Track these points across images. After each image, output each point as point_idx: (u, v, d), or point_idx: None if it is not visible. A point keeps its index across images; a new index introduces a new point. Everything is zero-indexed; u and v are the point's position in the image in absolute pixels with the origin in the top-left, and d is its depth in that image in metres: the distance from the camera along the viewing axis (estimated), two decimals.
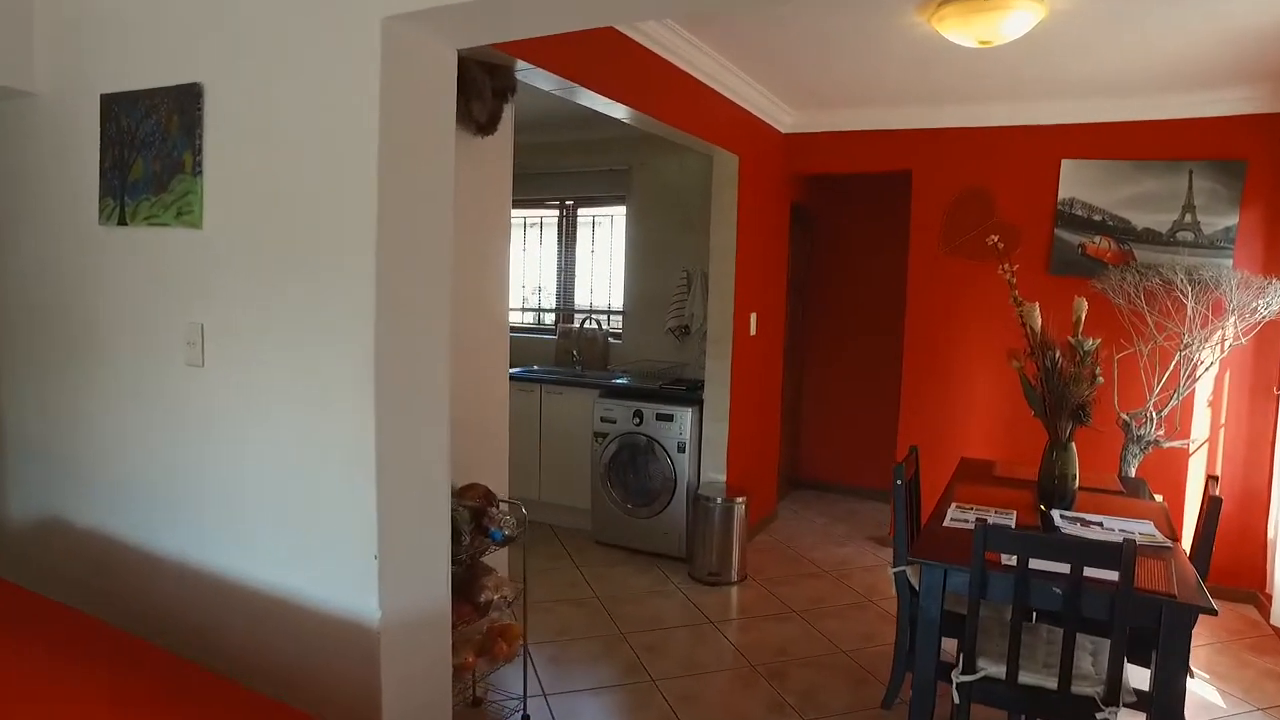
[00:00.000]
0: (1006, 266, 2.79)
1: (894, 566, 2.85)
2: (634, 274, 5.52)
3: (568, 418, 5.02)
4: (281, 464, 2.16)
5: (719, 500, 4.24)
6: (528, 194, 5.91)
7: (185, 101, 2.16)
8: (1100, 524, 2.60)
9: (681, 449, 4.49)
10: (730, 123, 4.27)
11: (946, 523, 2.63)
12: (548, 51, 2.73)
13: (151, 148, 2.24)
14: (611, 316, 5.74)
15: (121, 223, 2.33)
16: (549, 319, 6.05)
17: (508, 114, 2.92)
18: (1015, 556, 2.12)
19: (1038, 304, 2.69)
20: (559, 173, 5.74)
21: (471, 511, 2.62)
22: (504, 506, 2.80)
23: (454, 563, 2.49)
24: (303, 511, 2.13)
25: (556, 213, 5.92)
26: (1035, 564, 2.13)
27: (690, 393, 4.61)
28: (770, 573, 4.43)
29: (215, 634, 2.27)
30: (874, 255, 5.79)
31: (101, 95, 2.33)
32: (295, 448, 2.13)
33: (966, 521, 2.63)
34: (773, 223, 4.95)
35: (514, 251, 6.05)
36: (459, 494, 2.73)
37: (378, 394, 1.99)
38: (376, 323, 1.98)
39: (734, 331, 4.46)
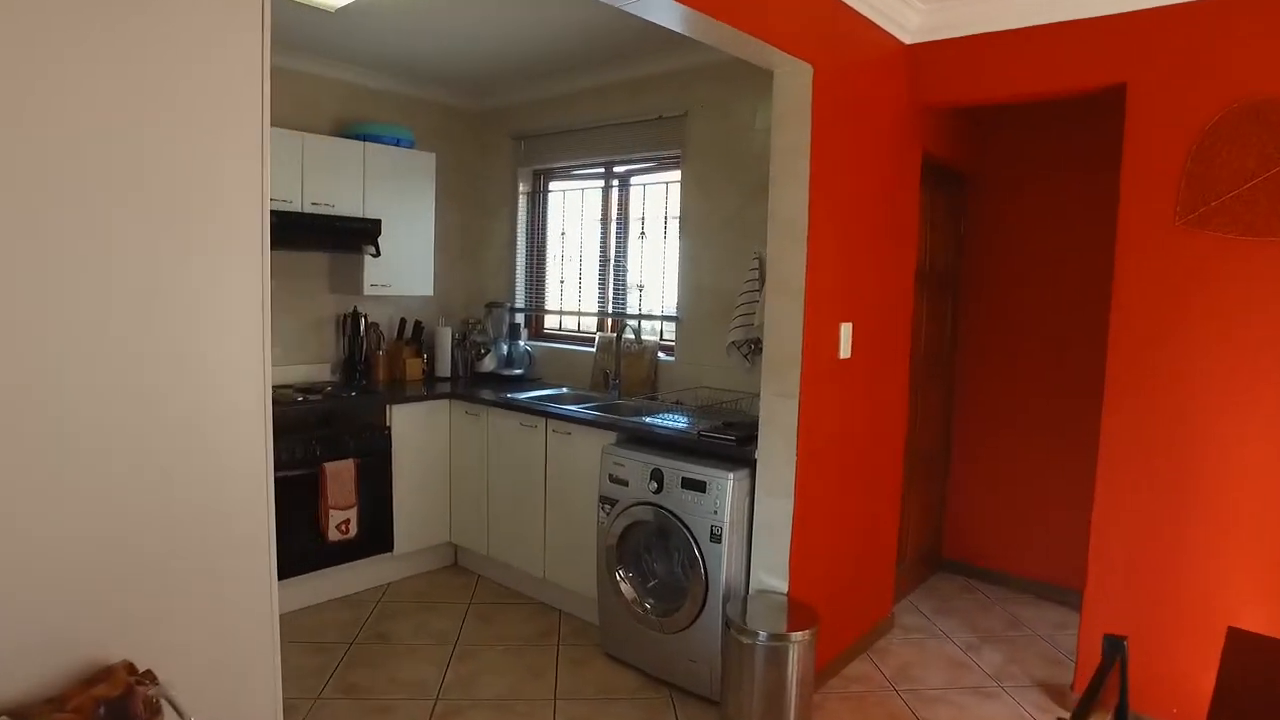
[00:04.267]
0: None
1: None
2: (691, 264, 3.92)
3: (575, 468, 3.52)
4: None
5: (762, 637, 2.57)
6: (561, 160, 4.47)
7: None
8: None
9: (718, 537, 2.86)
10: (801, 11, 2.60)
11: None
12: None
13: None
14: (665, 324, 4.17)
15: None
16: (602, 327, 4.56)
17: None
18: None
19: None
20: (597, 126, 4.23)
21: None
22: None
23: None
24: None
25: (600, 183, 4.42)
26: None
27: (741, 446, 2.96)
28: None
29: None
30: (1072, 233, 3.83)
31: None
32: None
33: None
34: (885, 183, 3.19)
35: (552, 236, 4.63)
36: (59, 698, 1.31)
37: None
38: None
39: (805, 352, 2.77)
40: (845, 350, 2.99)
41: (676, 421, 3.36)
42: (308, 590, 3.65)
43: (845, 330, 2.98)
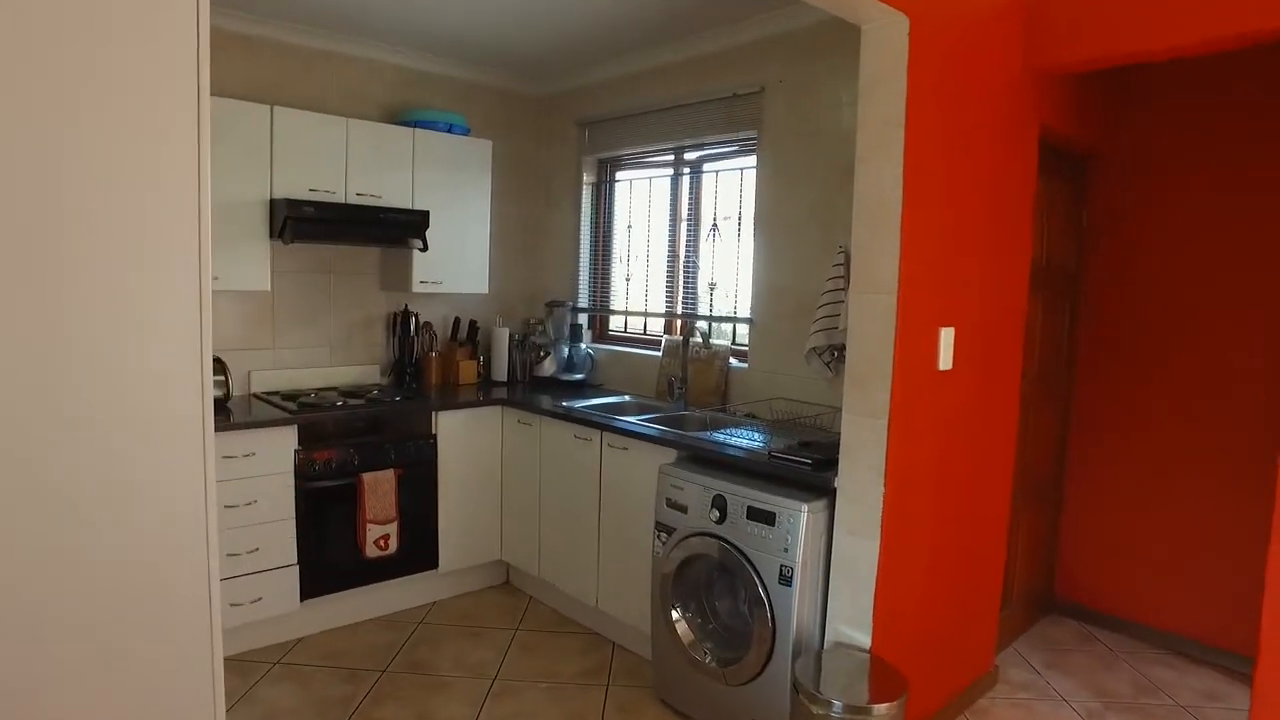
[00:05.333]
0: None
1: None
2: (768, 259, 3.49)
3: (631, 487, 3.15)
4: None
5: (837, 708, 2.13)
6: (628, 146, 4.11)
7: None
8: None
9: (787, 579, 2.43)
10: None
11: None
12: None
13: None
14: (738, 327, 3.75)
15: None
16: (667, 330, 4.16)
17: None
18: None
19: None
20: (666, 108, 3.85)
21: None
22: None
23: None
24: None
25: (669, 171, 4.04)
26: None
27: (818, 472, 2.52)
28: None
29: None
30: (1228, 222, 3.23)
31: None
32: None
33: None
34: (995, 162, 2.69)
35: (618, 230, 4.28)
36: None
37: None
38: None
39: (896, 362, 2.31)
40: (945, 360, 2.52)
41: (746, 439, 2.94)
42: (342, 608, 3.40)
43: (946, 336, 2.51)
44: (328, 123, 3.43)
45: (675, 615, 2.77)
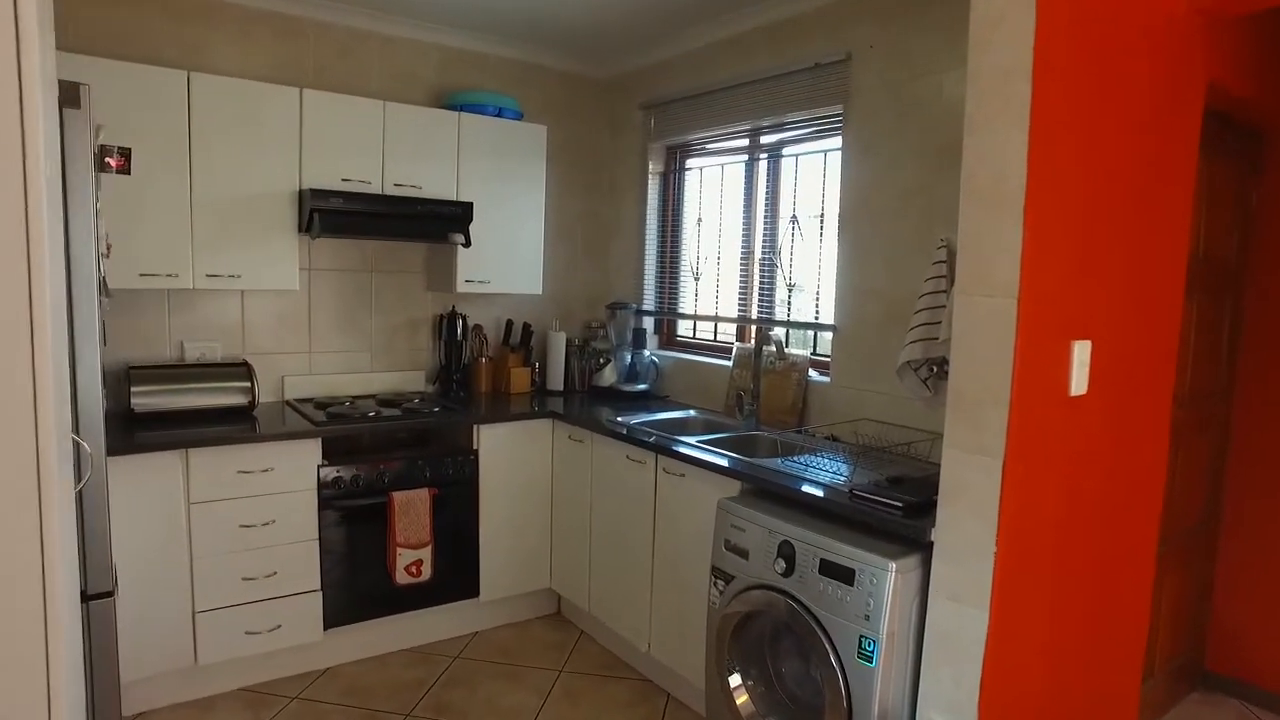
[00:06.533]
0: None
1: None
2: (854, 256, 2.99)
3: (688, 519, 2.71)
4: None
5: None
6: (699, 130, 3.68)
7: None
8: None
9: (868, 654, 1.95)
10: None
11: None
12: None
13: None
14: (820, 335, 3.26)
15: None
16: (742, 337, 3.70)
17: None
18: None
19: None
20: (740, 84, 3.38)
21: None
22: None
23: None
24: None
25: (744, 157, 3.57)
26: None
27: (910, 519, 2.02)
28: None
29: None
30: None
31: None
32: None
33: None
34: (1145, 132, 2.12)
35: (688, 224, 3.86)
36: None
37: None
38: None
39: (1015, 384, 1.79)
40: (1079, 383, 1.97)
41: (824, 470, 2.46)
42: (371, 638, 3.10)
43: (1080, 352, 1.96)
44: (363, 106, 3.13)
45: (734, 682, 2.32)
